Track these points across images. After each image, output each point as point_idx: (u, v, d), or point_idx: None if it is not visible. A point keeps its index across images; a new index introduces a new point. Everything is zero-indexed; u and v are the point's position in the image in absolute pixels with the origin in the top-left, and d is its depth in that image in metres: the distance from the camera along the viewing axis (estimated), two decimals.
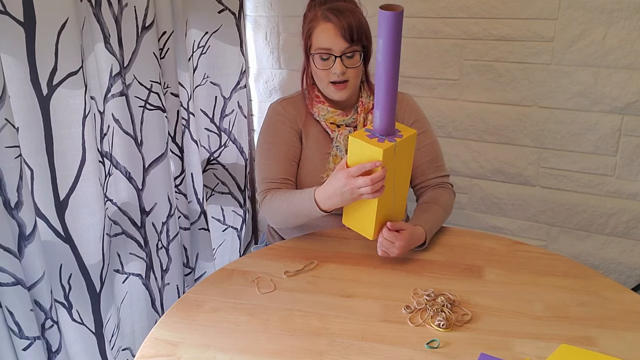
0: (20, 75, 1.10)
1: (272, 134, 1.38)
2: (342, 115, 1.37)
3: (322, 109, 1.36)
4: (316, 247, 1.29)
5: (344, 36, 1.24)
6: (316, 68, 1.30)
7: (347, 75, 1.28)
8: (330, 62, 1.27)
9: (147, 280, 1.58)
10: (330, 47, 1.26)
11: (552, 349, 0.93)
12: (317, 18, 1.27)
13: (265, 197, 1.34)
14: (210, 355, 0.94)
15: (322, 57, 1.27)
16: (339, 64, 1.26)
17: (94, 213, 1.28)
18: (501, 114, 1.74)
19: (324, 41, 1.26)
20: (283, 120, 1.38)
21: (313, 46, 1.29)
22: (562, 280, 1.13)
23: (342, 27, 1.24)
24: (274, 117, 1.39)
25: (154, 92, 1.49)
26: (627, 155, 1.61)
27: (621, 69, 1.55)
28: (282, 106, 1.40)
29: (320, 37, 1.27)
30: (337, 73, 1.27)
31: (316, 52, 1.28)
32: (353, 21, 1.25)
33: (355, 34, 1.25)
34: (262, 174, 1.37)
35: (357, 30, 1.25)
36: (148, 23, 1.44)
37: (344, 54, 1.26)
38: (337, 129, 1.37)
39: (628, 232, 1.67)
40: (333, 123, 1.37)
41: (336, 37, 1.25)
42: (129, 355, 1.59)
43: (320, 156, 1.37)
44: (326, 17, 1.26)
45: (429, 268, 1.19)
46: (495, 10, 1.65)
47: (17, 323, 1.10)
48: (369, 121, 1.37)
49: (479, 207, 1.86)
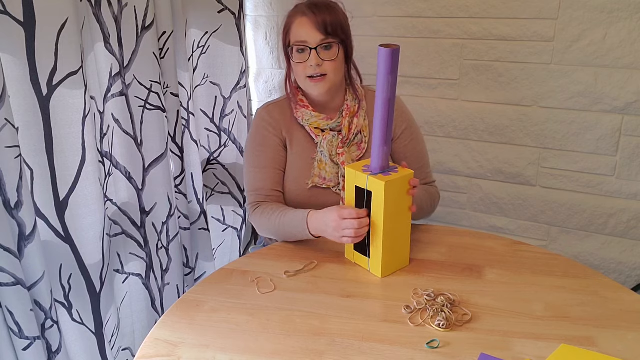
0: (20, 75, 1.10)
1: (259, 142, 1.38)
2: (327, 119, 1.36)
3: (305, 114, 1.36)
4: (316, 247, 1.29)
5: (318, 28, 1.26)
6: (294, 63, 1.31)
7: (324, 69, 1.29)
8: (306, 55, 1.29)
9: (147, 280, 1.58)
10: (305, 40, 1.28)
11: (552, 349, 0.93)
12: (295, 14, 1.31)
13: (256, 210, 1.35)
14: (210, 355, 0.94)
15: (299, 50, 1.29)
16: (315, 56, 1.27)
17: (94, 213, 1.28)
18: (501, 114, 1.74)
19: (300, 34, 1.28)
20: (268, 128, 1.38)
21: (291, 41, 1.31)
22: (562, 280, 1.13)
23: (316, 21, 1.27)
24: (259, 124, 1.40)
25: (153, 92, 1.49)
26: (627, 155, 1.61)
27: (621, 69, 1.55)
28: (268, 112, 1.40)
29: (296, 31, 1.29)
30: (313, 65, 1.28)
31: (293, 45, 1.30)
32: (328, 15, 1.28)
33: (330, 27, 1.27)
34: (251, 184, 1.38)
35: (331, 23, 1.27)
36: (148, 23, 1.43)
37: (319, 46, 1.27)
38: (321, 133, 1.37)
39: (628, 232, 1.67)
40: (317, 128, 1.37)
41: (311, 30, 1.27)
42: (129, 355, 1.59)
43: (305, 162, 1.37)
44: (303, 11, 1.29)
45: (429, 268, 1.19)
46: (495, 10, 1.65)
47: (17, 323, 1.10)
48: (355, 125, 1.37)
49: (479, 207, 1.86)
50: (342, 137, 1.36)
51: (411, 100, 1.78)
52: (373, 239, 1.15)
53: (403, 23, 1.77)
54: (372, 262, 1.17)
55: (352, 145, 1.38)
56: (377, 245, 1.15)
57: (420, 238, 1.32)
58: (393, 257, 1.17)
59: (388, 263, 1.16)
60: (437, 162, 1.87)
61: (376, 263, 1.16)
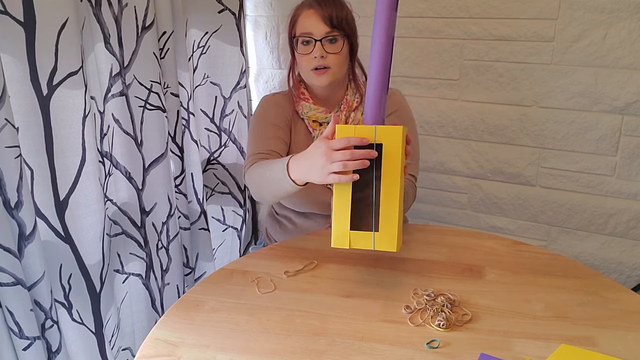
0: (20, 75, 1.10)
1: (263, 117, 1.40)
2: (325, 112, 1.38)
3: (305, 107, 1.38)
4: (316, 247, 1.29)
5: (324, 21, 1.27)
6: (298, 55, 1.32)
7: (328, 62, 1.29)
8: (310, 47, 1.29)
9: (147, 280, 1.58)
10: (311, 31, 1.28)
11: (552, 349, 0.93)
12: (302, 7, 1.32)
13: (249, 168, 1.30)
14: (210, 355, 0.94)
15: (303, 42, 1.30)
16: (319, 47, 1.28)
17: (94, 213, 1.28)
18: (501, 114, 1.74)
19: (306, 26, 1.29)
20: (275, 108, 1.40)
21: (296, 33, 1.32)
22: (562, 280, 1.13)
23: (322, 14, 1.28)
24: (265, 104, 1.42)
25: (154, 92, 1.49)
26: (627, 155, 1.61)
27: (621, 69, 1.55)
28: (275, 98, 1.43)
29: (302, 23, 1.30)
30: (317, 57, 1.28)
31: (299, 36, 1.30)
32: (334, 9, 1.29)
33: (336, 19, 1.28)
34: (250, 150, 1.37)
35: (337, 16, 1.28)
36: (148, 23, 1.44)
37: (324, 38, 1.28)
38: (319, 127, 1.38)
39: (628, 232, 1.67)
40: (315, 121, 1.38)
41: (317, 22, 1.28)
42: (129, 355, 1.59)
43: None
44: (310, 4, 1.30)
45: (429, 268, 1.19)
46: (495, 10, 1.65)
47: (17, 323, 1.10)
48: (351, 119, 1.38)
49: (479, 207, 1.86)
50: None
51: (411, 100, 1.78)
52: (386, 204, 0.98)
53: (403, 23, 1.77)
54: (381, 235, 0.99)
55: None
56: (392, 210, 0.97)
57: (420, 238, 1.32)
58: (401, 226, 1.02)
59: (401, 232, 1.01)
60: (437, 162, 1.87)
61: (389, 234, 0.99)
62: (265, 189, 1.21)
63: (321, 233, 1.36)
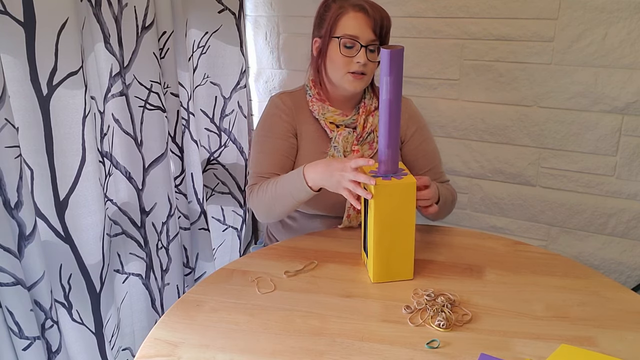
0: (20, 75, 1.10)
1: (268, 127, 1.38)
2: (342, 115, 1.37)
3: (322, 108, 1.36)
4: (316, 247, 1.29)
5: (373, 28, 1.25)
6: (337, 55, 1.28)
7: (366, 68, 1.28)
8: (354, 51, 1.27)
9: (147, 280, 1.58)
10: (357, 35, 1.26)
11: (552, 349, 0.93)
12: (347, 7, 1.27)
13: (253, 191, 1.33)
14: (210, 355, 0.94)
15: (347, 45, 1.27)
16: (363, 53, 1.26)
17: (94, 213, 1.28)
18: (501, 114, 1.74)
19: (353, 28, 1.26)
20: (280, 115, 1.38)
21: (338, 32, 1.27)
22: (562, 280, 1.13)
23: (373, 19, 1.25)
24: (272, 110, 1.40)
25: (154, 92, 1.49)
26: (627, 155, 1.61)
27: (621, 69, 1.55)
28: (282, 100, 1.40)
29: (349, 23, 1.26)
30: (360, 62, 1.26)
31: (342, 37, 1.26)
32: (384, 17, 1.27)
33: (384, 29, 1.27)
34: (253, 167, 1.38)
35: (385, 26, 1.27)
36: (148, 23, 1.44)
37: (368, 46, 1.26)
38: (336, 129, 1.37)
39: (628, 232, 1.67)
40: (332, 123, 1.37)
41: (366, 27, 1.25)
42: (129, 355, 1.59)
43: (317, 155, 1.36)
44: (358, 7, 1.27)
45: (429, 268, 1.19)
46: (495, 10, 1.65)
47: (17, 323, 1.10)
48: (369, 123, 1.37)
49: (479, 207, 1.86)
50: (357, 134, 1.36)
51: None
52: (369, 242, 1.14)
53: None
54: (368, 263, 1.17)
55: (364, 143, 1.38)
56: (370, 249, 1.13)
57: (420, 238, 1.32)
58: (388, 266, 1.13)
59: (381, 270, 1.13)
60: None
61: (370, 266, 1.15)
62: (277, 204, 1.26)
63: (321, 233, 1.36)
